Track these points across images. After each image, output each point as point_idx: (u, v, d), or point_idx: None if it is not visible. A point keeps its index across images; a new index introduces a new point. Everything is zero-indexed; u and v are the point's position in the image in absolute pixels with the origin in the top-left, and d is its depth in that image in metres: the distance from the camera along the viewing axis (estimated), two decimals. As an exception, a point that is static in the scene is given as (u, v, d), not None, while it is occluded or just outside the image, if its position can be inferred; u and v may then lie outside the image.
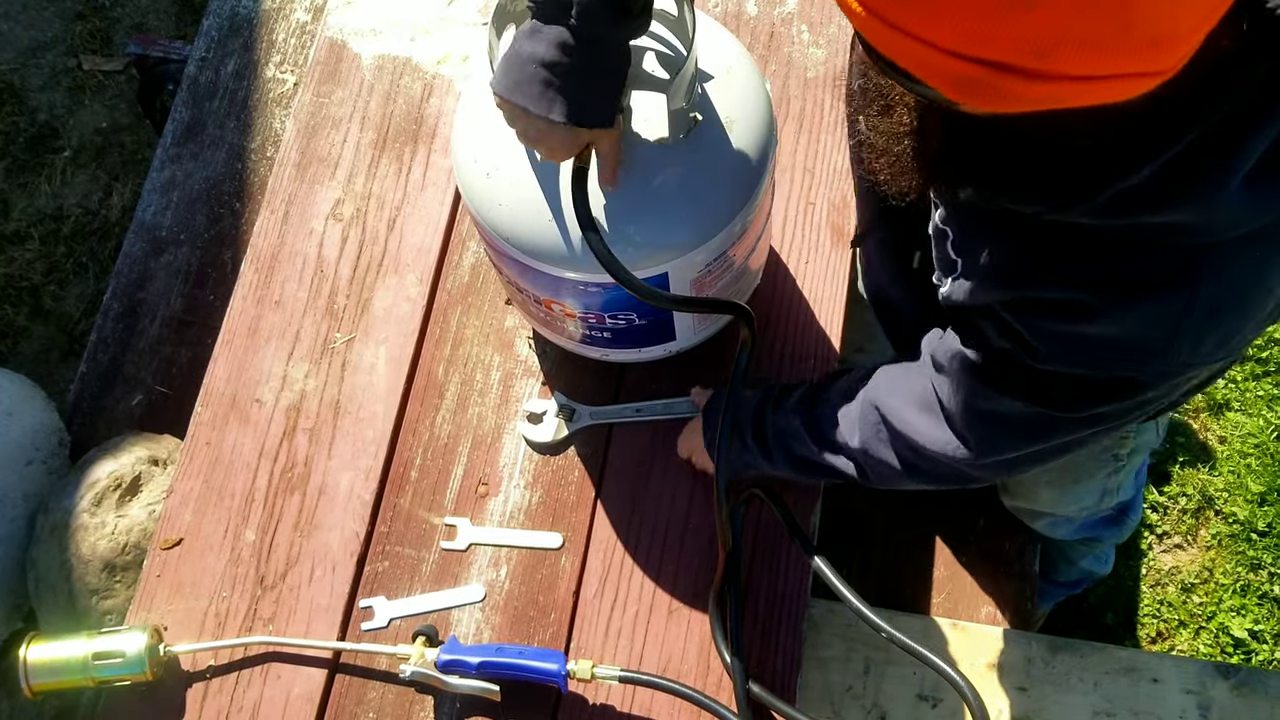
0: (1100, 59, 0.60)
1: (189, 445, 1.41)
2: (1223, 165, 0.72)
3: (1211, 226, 0.77)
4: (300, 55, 1.91)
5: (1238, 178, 0.72)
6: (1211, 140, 0.71)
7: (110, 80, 2.57)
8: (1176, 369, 0.85)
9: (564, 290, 1.15)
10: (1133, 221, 0.77)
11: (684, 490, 1.36)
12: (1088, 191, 0.76)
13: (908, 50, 0.65)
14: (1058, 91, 0.62)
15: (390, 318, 1.45)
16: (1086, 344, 0.86)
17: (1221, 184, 0.72)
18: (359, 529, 1.36)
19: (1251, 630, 2.07)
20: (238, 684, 1.30)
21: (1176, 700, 1.50)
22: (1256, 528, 2.14)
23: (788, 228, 1.45)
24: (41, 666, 1.26)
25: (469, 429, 1.40)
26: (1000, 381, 0.95)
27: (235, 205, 1.83)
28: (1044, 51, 0.60)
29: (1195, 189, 0.73)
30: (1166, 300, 0.80)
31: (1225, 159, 0.72)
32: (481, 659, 1.23)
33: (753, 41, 1.55)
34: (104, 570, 1.50)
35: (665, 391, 1.39)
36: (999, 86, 0.63)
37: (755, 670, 1.27)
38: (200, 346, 1.70)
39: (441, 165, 1.53)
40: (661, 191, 1.08)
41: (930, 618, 1.59)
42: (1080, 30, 0.59)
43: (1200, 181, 0.73)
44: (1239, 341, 0.86)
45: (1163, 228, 0.77)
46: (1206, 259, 0.78)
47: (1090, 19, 0.58)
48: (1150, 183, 0.73)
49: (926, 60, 0.64)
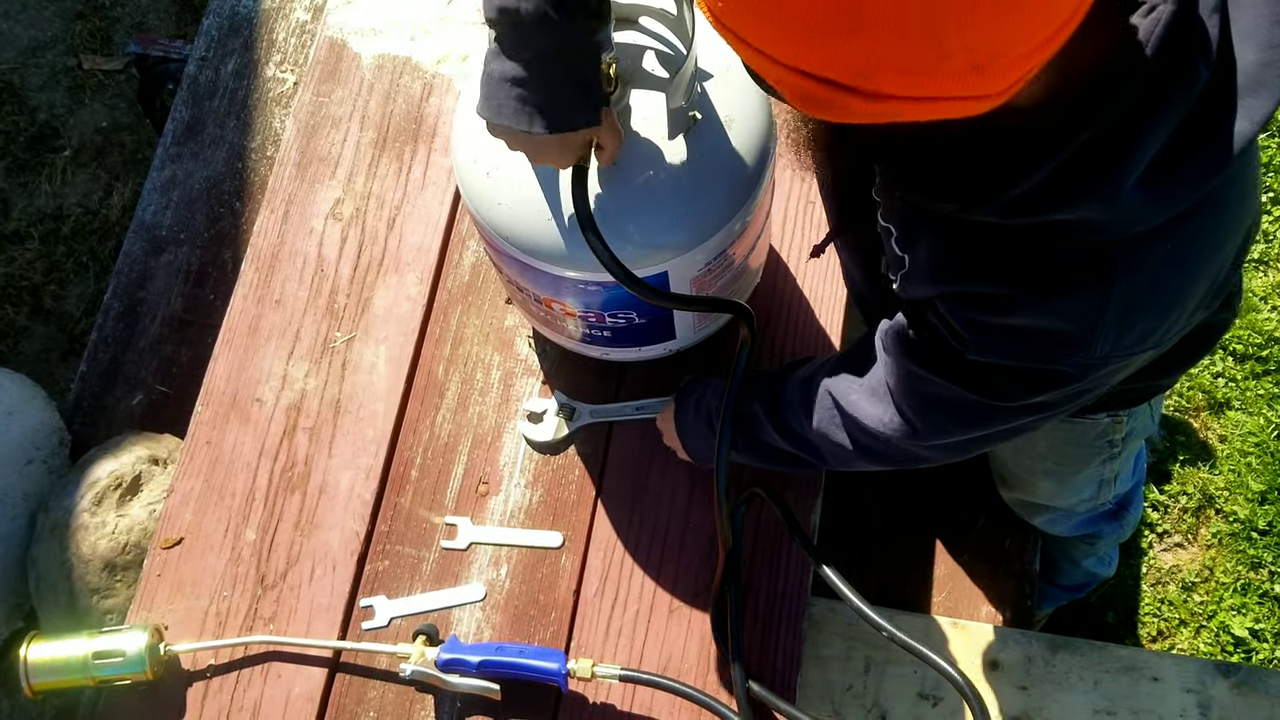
0: (921, 83, 0.63)
1: (189, 444, 1.41)
2: (1116, 166, 0.75)
3: (1116, 223, 0.79)
4: (300, 54, 1.91)
5: (1132, 178, 0.75)
6: (1103, 143, 0.74)
7: (110, 80, 2.57)
8: (1099, 361, 0.87)
9: (564, 289, 1.15)
10: (1038, 220, 0.80)
11: (684, 489, 1.36)
12: (990, 192, 0.79)
13: (756, 61, 0.68)
14: (890, 109, 0.66)
15: (390, 317, 1.45)
16: (1010, 336, 0.88)
17: (1116, 183, 0.75)
18: (359, 528, 1.36)
19: (1252, 629, 2.07)
20: (238, 683, 1.30)
21: (1177, 699, 1.50)
22: (1257, 526, 2.14)
23: (788, 227, 1.45)
24: (42, 665, 1.26)
25: (469, 428, 1.40)
26: (938, 366, 0.97)
27: (235, 204, 1.83)
28: (867, 74, 0.63)
29: (1092, 188, 0.76)
30: (1082, 295, 0.83)
31: (1118, 160, 0.75)
32: (482, 658, 1.23)
33: (753, 40, 1.55)
34: (104, 569, 1.50)
35: (666, 390, 1.39)
36: (835, 102, 0.66)
37: (755, 669, 1.27)
38: (201, 346, 1.70)
39: (441, 164, 1.53)
40: (661, 190, 1.08)
41: (931, 616, 1.59)
42: (898, 57, 0.62)
43: (1096, 181, 0.76)
44: (1164, 334, 0.88)
45: (1068, 225, 0.80)
46: (1119, 255, 0.81)
47: (907, 47, 0.61)
48: (1048, 183, 0.76)
49: (771, 71, 0.67)
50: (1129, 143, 0.74)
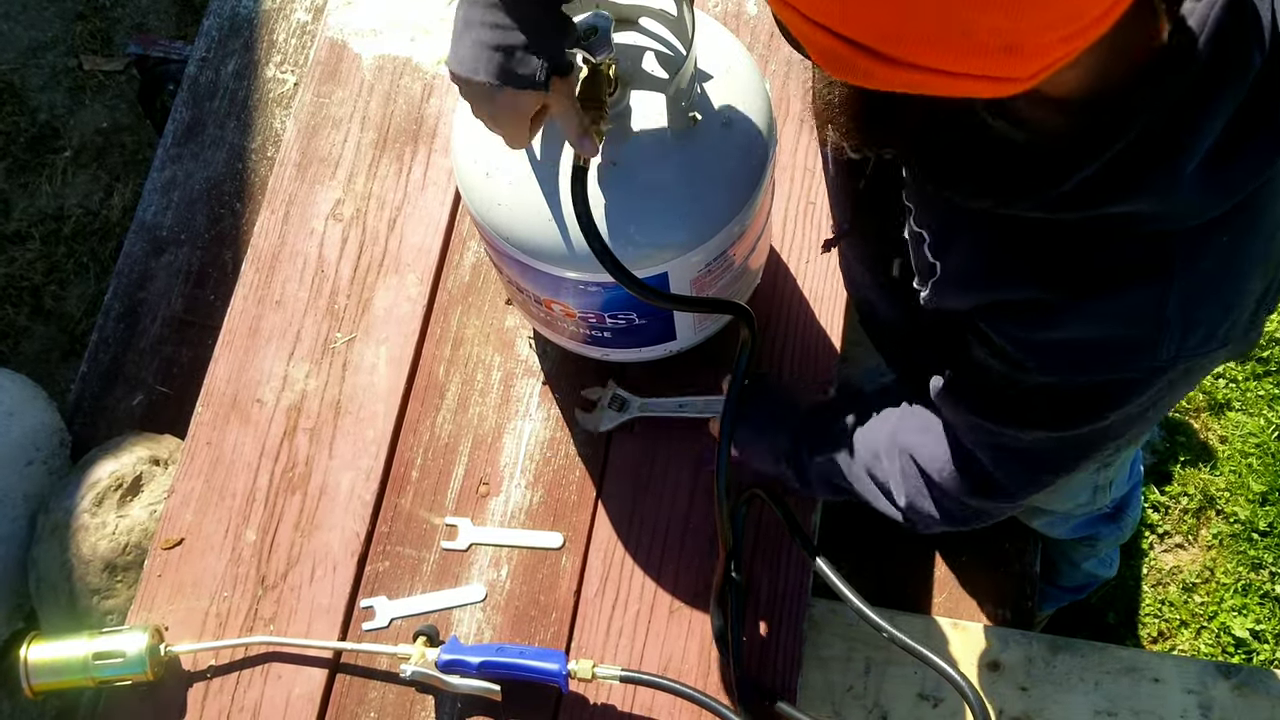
0: (946, 56, 0.61)
1: (190, 445, 1.41)
2: (1174, 156, 0.73)
3: (1172, 216, 0.77)
4: (301, 55, 1.91)
5: (1190, 167, 0.73)
6: (1160, 132, 0.72)
7: (111, 80, 2.57)
8: (1167, 363, 0.84)
9: (564, 290, 1.15)
10: (1090, 214, 0.77)
11: (684, 490, 1.36)
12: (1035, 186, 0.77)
13: (784, 12, 0.65)
14: (917, 80, 0.63)
15: (391, 318, 1.46)
16: (1068, 349, 0.85)
17: (1175, 174, 0.73)
18: (360, 529, 1.36)
19: (1253, 630, 2.07)
20: (238, 684, 1.30)
21: (1178, 700, 1.50)
22: (1258, 527, 2.13)
23: (788, 228, 1.45)
24: (42, 666, 1.26)
25: (470, 429, 1.40)
26: (1010, 416, 0.93)
27: (236, 205, 1.83)
28: (893, 39, 0.61)
29: (1149, 179, 0.74)
30: (1139, 292, 0.80)
31: (1176, 149, 0.73)
32: (482, 659, 1.23)
33: (753, 41, 1.55)
34: (105, 570, 1.50)
35: (667, 391, 1.39)
36: (860, 66, 0.63)
37: (756, 670, 1.27)
38: (201, 346, 1.70)
39: (442, 165, 1.53)
40: (661, 191, 1.08)
41: (931, 617, 1.59)
42: (924, 27, 0.59)
43: (1153, 171, 0.74)
44: (1228, 331, 0.85)
45: (1124, 218, 0.77)
46: (1177, 248, 0.78)
47: (930, 16, 0.59)
48: (1103, 174, 0.74)
49: (799, 27, 0.65)
50: (1187, 131, 0.72)
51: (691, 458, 1.37)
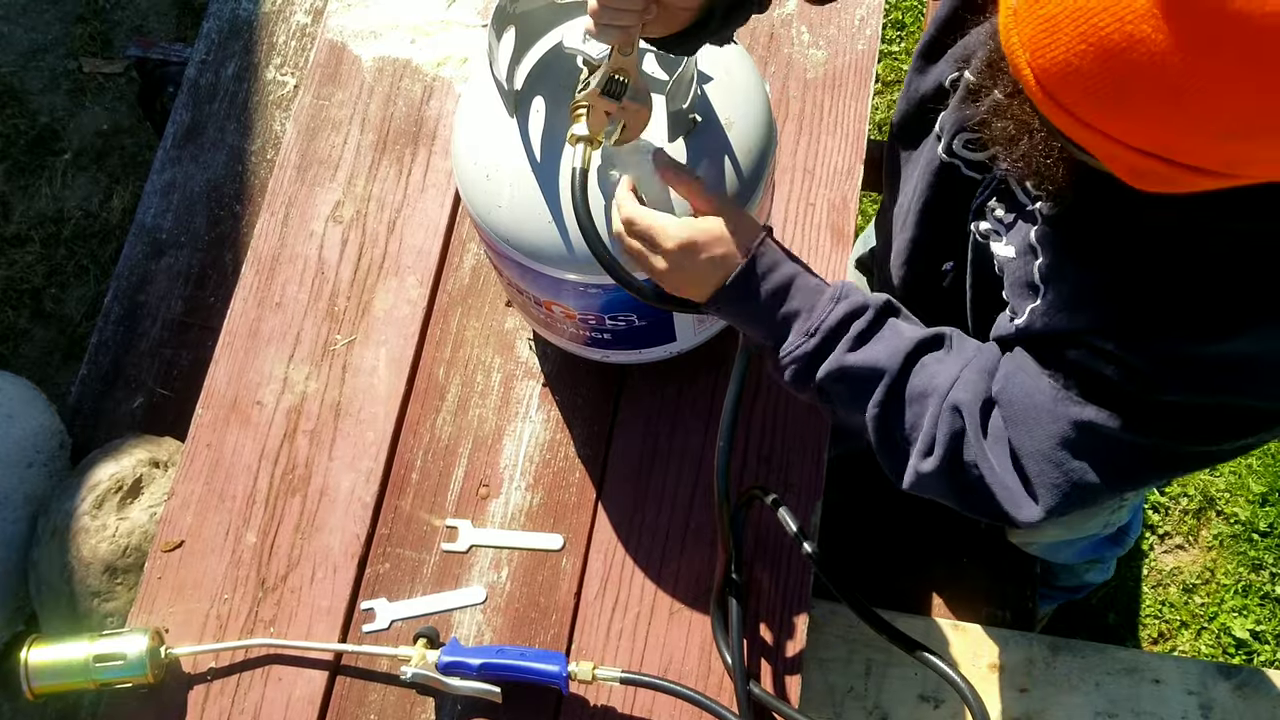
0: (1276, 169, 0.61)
1: (190, 447, 1.41)
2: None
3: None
4: (300, 58, 1.91)
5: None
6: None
7: (110, 83, 2.57)
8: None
9: (564, 292, 1.15)
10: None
11: (685, 491, 1.36)
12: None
13: (1088, 137, 0.64)
14: (1227, 183, 0.63)
15: (391, 320, 1.46)
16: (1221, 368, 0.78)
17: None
18: (360, 531, 1.36)
19: (1253, 631, 2.07)
20: (239, 686, 1.30)
21: (1178, 701, 1.50)
22: (1258, 528, 2.13)
23: (788, 228, 1.45)
24: (43, 669, 1.26)
25: (470, 431, 1.40)
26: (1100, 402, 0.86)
27: (235, 207, 1.83)
28: (1235, 164, 0.61)
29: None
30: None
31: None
32: (482, 660, 1.23)
33: (752, 43, 1.55)
34: (105, 573, 1.50)
35: (668, 392, 1.39)
36: (1178, 179, 0.63)
37: (756, 671, 1.27)
38: (201, 349, 1.70)
39: (441, 167, 1.53)
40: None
41: (931, 618, 1.59)
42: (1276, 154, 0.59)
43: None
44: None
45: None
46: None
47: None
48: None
49: (1105, 148, 0.64)
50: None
51: (692, 459, 1.37)
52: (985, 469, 0.96)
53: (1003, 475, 0.95)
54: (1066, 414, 0.89)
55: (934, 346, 1.00)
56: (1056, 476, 0.92)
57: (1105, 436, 0.87)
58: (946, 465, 0.97)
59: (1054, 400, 0.89)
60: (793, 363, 1.01)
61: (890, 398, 0.98)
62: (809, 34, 1.56)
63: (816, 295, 1.00)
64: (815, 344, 0.99)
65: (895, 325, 1.00)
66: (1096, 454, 0.89)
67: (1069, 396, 0.88)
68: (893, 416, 0.99)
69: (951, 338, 1.01)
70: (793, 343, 1.00)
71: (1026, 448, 0.93)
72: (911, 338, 0.99)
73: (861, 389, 0.99)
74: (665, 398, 1.40)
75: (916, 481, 1.00)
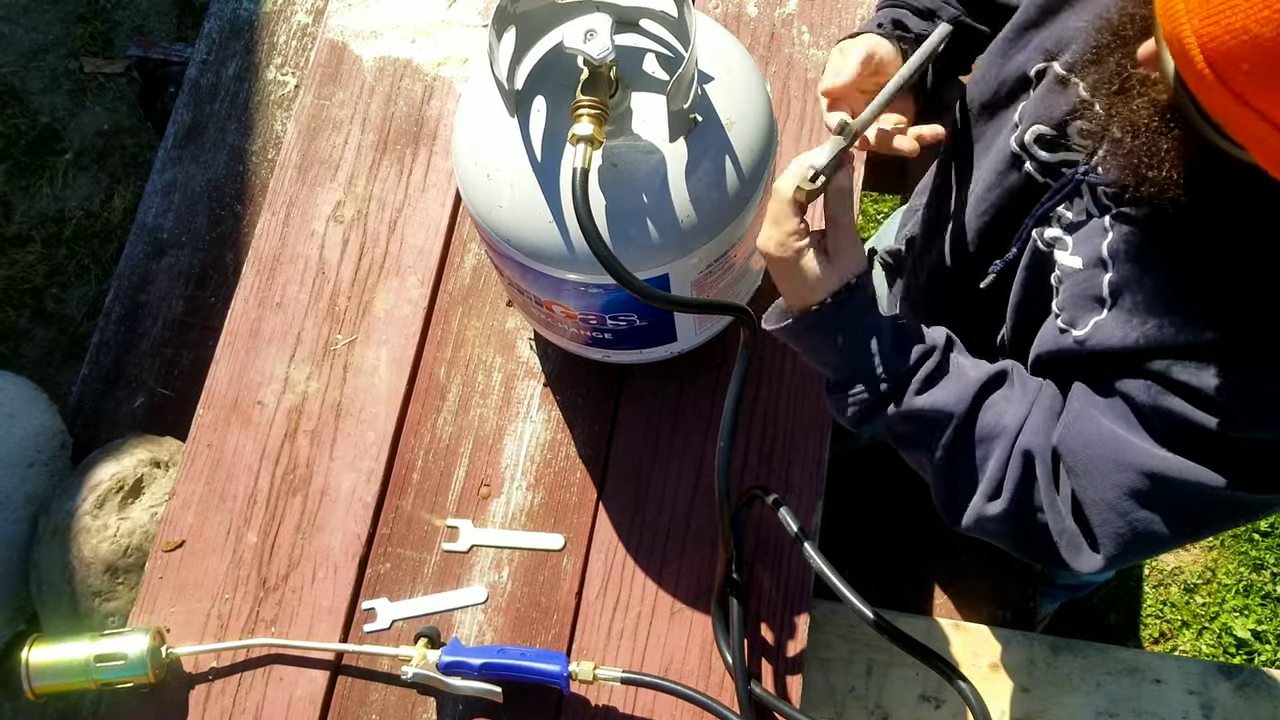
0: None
1: (191, 447, 1.41)
2: None
3: None
4: (301, 57, 1.91)
5: None
6: None
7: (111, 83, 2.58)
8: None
9: (565, 292, 1.15)
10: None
11: (686, 491, 1.36)
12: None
13: (1245, 123, 0.61)
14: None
15: (391, 320, 1.46)
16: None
17: None
18: (361, 531, 1.36)
19: (1254, 630, 2.07)
20: (240, 686, 1.30)
21: (1179, 701, 1.50)
22: (1259, 528, 2.13)
23: (789, 229, 1.45)
24: (44, 669, 1.26)
25: (471, 430, 1.40)
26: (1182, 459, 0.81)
27: (236, 207, 1.83)
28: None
29: None
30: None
31: None
32: (483, 660, 1.23)
33: (753, 43, 1.55)
34: (106, 572, 1.50)
35: (668, 394, 1.39)
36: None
37: (757, 671, 1.27)
38: (202, 348, 1.70)
39: (442, 167, 1.53)
40: (662, 193, 1.08)
41: (932, 618, 1.59)
42: None
43: None
44: None
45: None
46: None
47: None
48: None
49: (1261, 136, 0.61)
50: None
51: (692, 458, 1.37)
52: (1052, 517, 0.94)
53: (1066, 523, 0.93)
54: (1134, 463, 0.85)
55: (998, 384, 0.99)
56: (1121, 526, 0.89)
57: (1175, 486, 0.83)
58: (1013, 509, 0.95)
59: (1120, 449, 0.86)
60: (855, 405, 1.00)
61: (958, 439, 0.97)
62: (810, 34, 1.56)
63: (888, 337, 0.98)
64: (883, 390, 0.98)
65: (959, 365, 0.99)
66: (1165, 504, 0.85)
67: (1137, 445, 0.85)
68: (959, 458, 0.98)
69: (1013, 374, 1.00)
70: (860, 389, 0.99)
71: (1090, 496, 0.90)
72: (976, 378, 0.98)
73: (928, 431, 0.98)
74: (666, 397, 1.40)
75: (976, 522, 0.98)
